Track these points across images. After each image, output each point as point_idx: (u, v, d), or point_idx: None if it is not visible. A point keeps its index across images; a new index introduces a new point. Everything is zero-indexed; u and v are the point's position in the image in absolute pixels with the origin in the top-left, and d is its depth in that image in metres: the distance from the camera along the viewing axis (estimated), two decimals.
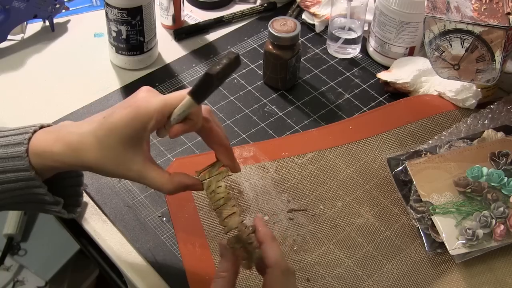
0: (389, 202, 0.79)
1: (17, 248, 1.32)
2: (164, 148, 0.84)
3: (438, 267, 0.73)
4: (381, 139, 0.86)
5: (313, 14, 1.03)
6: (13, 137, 0.65)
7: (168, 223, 0.76)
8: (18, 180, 0.65)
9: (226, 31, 1.03)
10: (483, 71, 0.81)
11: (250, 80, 0.95)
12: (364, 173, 0.82)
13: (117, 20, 0.89)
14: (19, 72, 0.95)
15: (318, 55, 1.00)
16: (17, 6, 0.94)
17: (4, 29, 0.96)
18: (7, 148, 0.65)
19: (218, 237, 0.75)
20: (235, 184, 0.80)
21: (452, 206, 0.75)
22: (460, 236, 0.73)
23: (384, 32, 0.94)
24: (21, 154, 0.64)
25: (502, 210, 0.74)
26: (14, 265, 1.31)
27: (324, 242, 0.75)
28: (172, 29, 1.02)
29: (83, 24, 1.04)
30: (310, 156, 0.84)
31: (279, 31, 0.88)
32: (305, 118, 0.90)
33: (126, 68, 0.95)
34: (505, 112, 0.86)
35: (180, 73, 0.95)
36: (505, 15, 0.77)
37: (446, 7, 0.79)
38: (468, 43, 0.79)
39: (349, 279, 0.72)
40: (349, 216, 0.78)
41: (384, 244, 0.75)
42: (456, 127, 0.85)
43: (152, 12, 0.91)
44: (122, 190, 0.80)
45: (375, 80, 0.95)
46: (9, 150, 0.64)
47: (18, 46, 0.99)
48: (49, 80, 0.94)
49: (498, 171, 0.77)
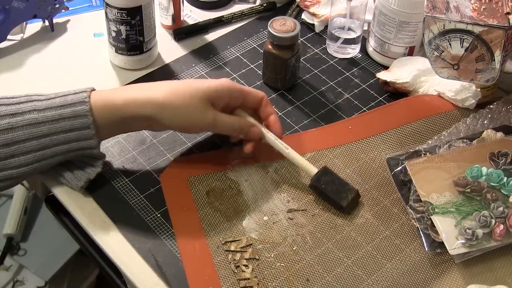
0: (388, 202, 0.79)
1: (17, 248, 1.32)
2: (164, 148, 0.85)
3: (437, 267, 0.73)
4: (380, 139, 0.86)
5: (313, 14, 1.03)
6: (72, 95, 0.74)
7: (168, 223, 0.76)
8: (75, 129, 0.72)
9: (225, 31, 1.03)
10: (482, 71, 0.81)
11: (250, 80, 0.95)
12: (363, 173, 0.82)
13: (116, 20, 0.89)
14: (19, 72, 0.95)
15: (318, 55, 1.00)
16: (17, 6, 0.94)
17: (3, 29, 0.96)
18: (70, 108, 0.73)
19: (218, 237, 0.75)
20: (235, 184, 0.80)
21: (452, 206, 0.75)
22: (460, 236, 0.73)
23: (383, 32, 0.94)
24: (83, 101, 0.73)
25: (502, 210, 0.74)
26: (14, 265, 1.31)
27: (323, 242, 0.75)
28: (171, 29, 1.02)
29: (83, 24, 1.04)
30: (310, 156, 0.84)
31: (278, 31, 0.88)
32: (305, 118, 0.90)
33: (126, 68, 0.95)
34: (505, 112, 0.86)
35: (180, 73, 0.96)
36: (504, 15, 0.77)
37: (445, 7, 0.79)
38: (467, 43, 0.79)
39: (348, 279, 0.72)
40: (348, 216, 0.78)
41: (383, 244, 0.75)
42: (456, 127, 0.85)
43: (151, 12, 0.91)
44: (122, 190, 0.80)
45: (374, 80, 0.95)
46: (72, 109, 0.73)
47: (18, 46, 0.99)
48: (49, 80, 0.94)
49: (498, 171, 0.77)
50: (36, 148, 0.71)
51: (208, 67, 0.97)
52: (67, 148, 0.73)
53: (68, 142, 0.73)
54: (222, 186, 0.80)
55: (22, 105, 0.72)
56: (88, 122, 0.72)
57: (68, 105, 0.72)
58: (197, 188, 0.79)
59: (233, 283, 0.71)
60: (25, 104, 0.72)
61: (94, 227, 0.77)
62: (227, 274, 0.71)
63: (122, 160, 0.83)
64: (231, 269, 0.72)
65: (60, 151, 0.73)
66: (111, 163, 0.82)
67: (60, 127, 0.72)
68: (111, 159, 0.83)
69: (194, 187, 0.79)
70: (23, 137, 0.71)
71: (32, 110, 0.71)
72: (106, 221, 0.77)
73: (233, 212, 0.77)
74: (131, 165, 0.82)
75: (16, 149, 0.71)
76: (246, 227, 0.76)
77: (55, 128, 0.71)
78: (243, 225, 0.76)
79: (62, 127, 0.72)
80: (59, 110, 0.72)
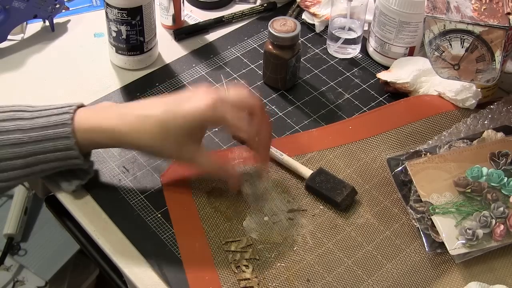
0: (389, 202, 0.79)
1: (17, 248, 1.32)
2: None
3: (438, 267, 0.73)
4: (381, 139, 0.86)
5: (313, 14, 1.03)
6: (55, 116, 0.72)
7: (168, 223, 0.76)
8: (58, 150, 0.72)
9: (226, 31, 1.03)
10: (483, 71, 0.81)
11: (250, 80, 0.95)
12: (364, 173, 0.82)
13: (117, 20, 0.89)
14: (19, 72, 0.95)
15: (318, 55, 1.00)
16: (17, 6, 0.94)
17: (4, 29, 0.96)
18: (51, 129, 0.72)
19: (218, 237, 0.75)
20: None
21: (452, 206, 0.75)
22: (460, 236, 0.73)
23: (384, 32, 0.94)
24: (68, 133, 0.71)
25: (502, 210, 0.74)
26: (14, 265, 1.31)
27: (324, 242, 0.75)
28: (172, 29, 1.02)
29: (83, 24, 1.04)
30: (310, 156, 0.84)
31: (279, 31, 0.88)
32: (305, 118, 0.90)
33: (126, 68, 0.95)
34: (505, 112, 0.86)
35: (180, 73, 0.96)
36: (505, 15, 0.77)
37: (446, 7, 0.79)
38: (468, 43, 0.79)
39: (349, 279, 0.72)
40: (349, 216, 0.78)
41: (384, 244, 0.75)
42: (456, 127, 0.85)
43: (152, 12, 0.91)
44: (122, 190, 0.80)
45: (375, 80, 0.95)
46: (54, 130, 0.72)
47: (18, 46, 0.99)
48: (49, 80, 0.94)
49: (498, 171, 0.77)
50: (23, 165, 0.72)
51: (209, 67, 0.97)
52: (54, 165, 0.73)
53: (54, 160, 0.73)
54: (222, 186, 0.80)
55: (7, 123, 0.71)
56: (71, 144, 0.72)
57: (51, 126, 0.72)
58: (197, 188, 0.79)
59: (233, 284, 0.71)
60: (9, 122, 0.72)
61: (94, 227, 0.77)
62: (227, 274, 0.71)
63: (123, 160, 0.83)
64: (231, 270, 0.72)
65: (47, 168, 0.73)
66: (111, 163, 0.82)
67: (43, 148, 0.72)
68: (111, 159, 0.83)
69: (195, 187, 0.79)
70: (8, 156, 0.71)
71: (17, 130, 0.71)
72: (106, 221, 0.77)
73: (233, 212, 0.77)
74: (131, 165, 0.82)
75: (3, 165, 0.71)
76: (246, 227, 0.76)
77: (39, 148, 0.71)
78: (244, 225, 0.76)
79: (46, 148, 0.72)
80: (42, 132, 0.71)
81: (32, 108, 0.74)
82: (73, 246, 1.32)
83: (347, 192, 0.78)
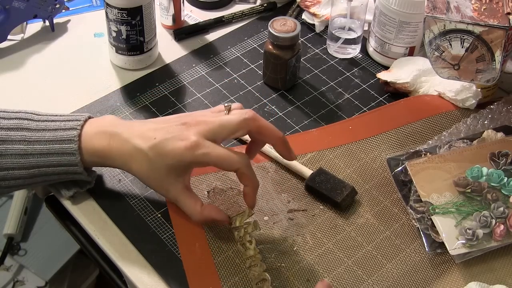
0: (389, 202, 0.79)
1: (17, 248, 1.32)
2: None
3: (438, 267, 0.73)
4: (381, 139, 0.86)
5: (313, 14, 1.03)
6: (62, 131, 0.72)
7: (168, 223, 0.76)
8: (62, 165, 0.72)
9: (226, 31, 1.03)
10: (483, 71, 0.81)
11: (250, 80, 0.95)
12: (364, 173, 0.82)
13: (117, 20, 0.89)
14: (19, 72, 0.95)
15: (318, 55, 1.00)
16: (17, 6, 0.94)
17: (4, 29, 0.96)
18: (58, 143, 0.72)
19: (218, 237, 0.75)
20: (235, 184, 0.80)
21: (452, 206, 0.75)
22: (460, 236, 0.73)
23: (384, 32, 0.94)
24: (73, 151, 0.72)
25: (502, 210, 0.74)
26: (14, 265, 1.31)
27: (324, 242, 0.75)
28: (172, 29, 1.02)
29: (83, 24, 1.04)
30: (310, 156, 0.84)
31: (279, 31, 0.88)
32: (305, 118, 0.90)
33: (126, 68, 0.95)
34: (505, 112, 0.86)
35: (180, 73, 0.96)
36: (505, 15, 0.77)
37: (446, 7, 0.79)
38: (468, 43, 0.79)
39: (349, 279, 0.72)
40: (349, 216, 0.78)
41: (384, 244, 0.75)
42: (456, 127, 0.85)
43: (152, 12, 0.91)
44: (122, 190, 0.80)
45: (375, 80, 0.95)
46: (60, 145, 0.72)
47: (18, 46, 0.99)
48: (49, 80, 0.94)
49: (498, 171, 0.77)
50: (25, 176, 0.72)
51: (209, 67, 0.97)
52: (57, 178, 0.74)
53: (58, 174, 0.73)
54: (222, 186, 0.80)
55: (12, 133, 0.71)
56: (76, 161, 0.72)
57: (57, 141, 0.72)
58: (198, 188, 0.79)
59: (233, 284, 0.71)
60: (15, 132, 0.71)
61: (94, 227, 0.77)
62: (227, 274, 0.71)
63: None
64: (237, 249, 0.72)
65: (49, 179, 0.74)
66: None
67: (48, 161, 0.72)
68: None
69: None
70: (12, 166, 0.71)
71: (22, 141, 0.71)
72: (106, 221, 0.77)
73: (233, 212, 0.77)
74: None
75: (6, 174, 0.71)
76: None
77: (43, 161, 0.72)
78: None
79: (50, 162, 0.72)
80: (48, 145, 0.71)
81: (38, 117, 0.74)
82: (73, 246, 1.32)
83: (347, 192, 0.78)
